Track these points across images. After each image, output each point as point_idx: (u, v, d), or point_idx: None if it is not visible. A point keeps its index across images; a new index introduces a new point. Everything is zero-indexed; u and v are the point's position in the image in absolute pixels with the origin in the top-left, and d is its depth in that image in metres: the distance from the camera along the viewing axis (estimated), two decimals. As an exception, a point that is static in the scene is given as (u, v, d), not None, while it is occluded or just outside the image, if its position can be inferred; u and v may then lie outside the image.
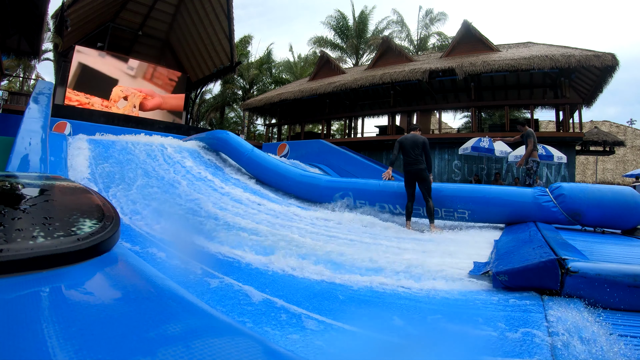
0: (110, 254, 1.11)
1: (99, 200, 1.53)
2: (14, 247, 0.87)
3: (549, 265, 1.75)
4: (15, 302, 0.72)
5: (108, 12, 13.58)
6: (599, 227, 3.89)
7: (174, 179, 5.24)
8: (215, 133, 7.61)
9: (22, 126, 4.04)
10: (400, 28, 21.22)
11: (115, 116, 10.98)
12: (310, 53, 24.10)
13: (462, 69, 10.90)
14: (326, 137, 15.60)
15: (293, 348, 1.24)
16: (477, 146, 9.23)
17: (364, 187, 5.20)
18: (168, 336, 0.61)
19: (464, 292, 1.93)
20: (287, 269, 2.31)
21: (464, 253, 2.88)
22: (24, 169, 3.14)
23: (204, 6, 13.94)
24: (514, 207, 4.22)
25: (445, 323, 1.55)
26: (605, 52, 9.49)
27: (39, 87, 5.84)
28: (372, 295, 1.89)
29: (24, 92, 17.84)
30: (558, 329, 1.33)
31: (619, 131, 21.99)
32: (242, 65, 20.49)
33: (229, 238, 2.99)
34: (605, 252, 2.52)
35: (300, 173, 6.07)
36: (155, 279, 0.99)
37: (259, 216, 4.24)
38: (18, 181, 1.80)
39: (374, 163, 10.88)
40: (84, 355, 0.56)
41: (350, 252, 2.74)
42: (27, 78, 23.13)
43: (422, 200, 4.51)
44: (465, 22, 12.93)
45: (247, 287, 1.88)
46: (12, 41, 10.24)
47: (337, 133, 24.59)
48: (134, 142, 6.48)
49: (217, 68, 15.09)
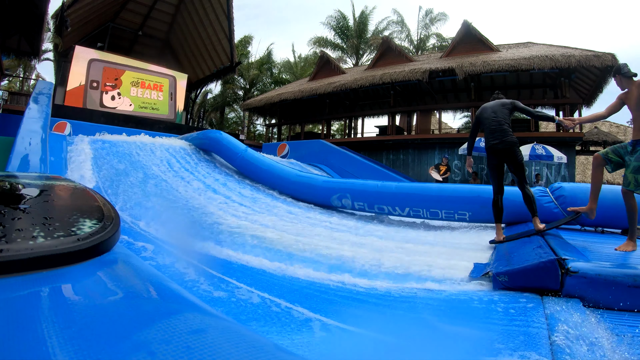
0: (110, 254, 1.11)
1: (99, 200, 1.53)
2: (14, 247, 0.87)
3: (549, 265, 1.75)
4: (15, 302, 0.72)
5: (108, 12, 13.57)
6: (599, 227, 3.89)
7: (158, 176, 5.24)
8: (207, 133, 7.41)
9: (22, 126, 4.04)
10: (400, 28, 21.23)
11: (115, 116, 10.97)
12: (310, 53, 24.13)
13: (462, 69, 10.90)
14: (326, 137, 15.61)
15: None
16: (477, 146, 9.23)
17: (362, 188, 5.15)
18: (168, 336, 0.61)
19: (464, 292, 1.93)
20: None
21: (464, 254, 2.88)
22: (24, 169, 3.14)
23: (204, 6, 13.94)
24: (515, 208, 4.21)
25: (446, 323, 1.55)
26: (605, 52, 9.49)
27: (39, 87, 5.84)
28: (370, 296, 1.89)
29: (24, 92, 17.84)
30: (558, 329, 1.33)
31: (619, 131, 21.97)
32: (243, 66, 20.49)
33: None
34: (605, 252, 2.52)
35: (296, 173, 6.02)
36: (155, 279, 0.99)
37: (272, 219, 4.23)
38: (18, 181, 1.80)
39: (374, 163, 10.87)
40: (84, 355, 0.56)
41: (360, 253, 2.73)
42: (27, 78, 23.13)
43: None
44: (465, 22, 12.93)
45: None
46: (12, 41, 10.25)
47: (337, 133, 24.59)
48: (130, 142, 6.48)
49: (217, 68, 15.08)
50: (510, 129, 3.22)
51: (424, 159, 12.00)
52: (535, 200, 3.17)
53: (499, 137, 3.18)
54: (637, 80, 2.68)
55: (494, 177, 3.34)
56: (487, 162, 3.41)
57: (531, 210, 3.16)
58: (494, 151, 3.22)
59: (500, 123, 3.21)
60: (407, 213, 4.73)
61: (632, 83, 2.71)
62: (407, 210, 4.73)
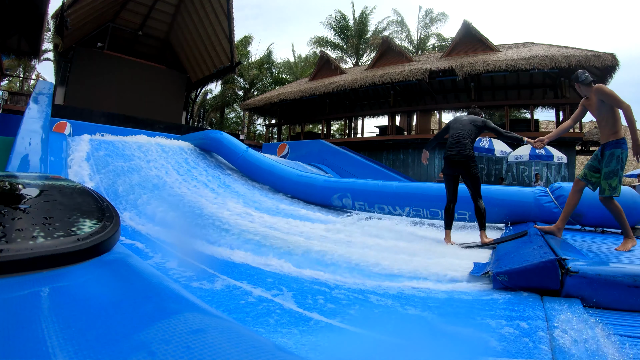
0: (110, 254, 1.11)
1: (99, 200, 1.53)
2: (14, 247, 0.87)
3: (549, 265, 1.75)
4: (15, 302, 0.72)
5: (108, 12, 13.57)
6: (599, 227, 3.89)
7: (158, 176, 5.23)
8: (208, 133, 7.47)
9: (22, 126, 4.04)
10: (400, 28, 21.25)
11: (116, 116, 10.97)
12: (310, 53, 24.14)
13: (462, 69, 10.90)
14: (326, 137, 15.61)
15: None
16: (477, 146, 9.23)
17: (362, 188, 5.17)
18: (168, 336, 0.61)
19: (464, 292, 1.93)
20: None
21: (464, 253, 2.88)
22: (24, 169, 3.14)
23: (204, 6, 13.94)
24: (515, 208, 4.22)
25: (444, 323, 1.55)
26: (605, 52, 9.50)
27: (39, 87, 5.84)
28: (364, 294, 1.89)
29: (24, 92, 17.84)
30: (558, 329, 1.33)
31: (619, 131, 21.94)
32: (243, 66, 20.48)
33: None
34: (605, 252, 2.52)
35: (297, 173, 6.04)
36: (155, 279, 0.99)
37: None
38: (18, 181, 1.80)
39: (374, 163, 10.87)
40: (83, 355, 0.56)
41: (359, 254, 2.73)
42: (27, 78, 23.13)
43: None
44: (465, 22, 12.93)
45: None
46: (12, 41, 10.24)
47: (337, 133, 24.59)
48: (130, 142, 6.48)
49: (217, 68, 15.08)
50: (471, 144, 3.40)
51: (424, 159, 11.99)
52: (485, 215, 3.36)
53: (457, 149, 3.37)
54: (594, 86, 2.76)
55: (448, 186, 3.54)
56: (443, 170, 3.60)
57: (480, 223, 3.35)
58: (450, 162, 3.42)
59: (463, 137, 3.39)
60: (407, 212, 4.74)
61: (591, 90, 2.77)
62: (408, 209, 4.73)
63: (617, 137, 2.71)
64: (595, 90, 2.74)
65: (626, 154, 2.70)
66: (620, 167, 2.65)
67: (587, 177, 2.84)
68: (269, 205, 5.06)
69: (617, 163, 2.64)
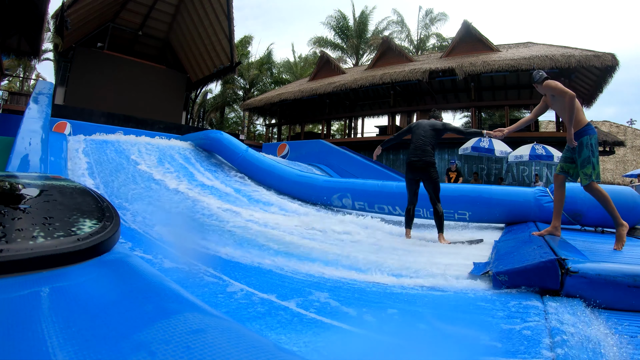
0: (110, 254, 1.11)
1: (99, 200, 1.53)
2: (14, 247, 0.87)
3: (549, 265, 1.75)
4: (15, 302, 0.72)
5: (108, 12, 13.57)
6: (599, 227, 3.89)
7: (158, 177, 5.24)
8: (208, 133, 7.50)
9: (22, 126, 4.04)
10: (400, 28, 21.26)
11: (115, 116, 10.97)
12: (310, 53, 24.14)
13: (462, 69, 10.91)
14: (326, 137, 15.61)
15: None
16: (477, 146, 9.24)
17: (362, 188, 5.18)
18: (168, 336, 0.61)
19: (464, 292, 1.93)
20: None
21: (463, 253, 2.88)
22: (24, 169, 3.13)
23: (204, 6, 13.93)
24: (515, 208, 4.22)
25: (445, 323, 1.55)
26: (605, 52, 9.50)
27: (39, 87, 5.84)
28: (365, 293, 1.89)
29: (24, 92, 17.85)
30: (558, 329, 1.33)
31: (618, 131, 21.98)
32: (243, 66, 20.48)
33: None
34: (605, 252, 2.52)
35: (297, 173, 6.05)
36: (155, 279, 0.99)
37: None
38: (18, 181, 1.80)
39: (374, 163, 10.87)
40: (84, 355, 0.56)
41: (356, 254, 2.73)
42: (27, 78, 23.15)
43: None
44: (465, 22, 12.94)
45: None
46: (12, 41, 10.25)
47: (337, 133, 24.60)
48: (130, 142, 6.48)
49: (217, 68, 15.08)
50: (432, 150, 3.59)
51: (424, 159, 12.00)
52: (443, 218, 3.52)
53: (419, 156, 3.57)
54: (544, 83, 2.84)
55: (409, 189, 3.74)
56: (405, 174, 3.75)
57: (438, 225, 3.51)
58: (412, 167, 3.61)
59: (425, 144, 3.59)
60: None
61: (545, 87, 2.85)
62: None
63: (581, 125, 2.74)
64: (544, 87, 2.83)
65: (595, 137, 2.73)
66: (591, 153, 2.67)
67: (564, 170, 2.88)
68: (270, 204, 5.06)
69: (587, 150, 2.68)
